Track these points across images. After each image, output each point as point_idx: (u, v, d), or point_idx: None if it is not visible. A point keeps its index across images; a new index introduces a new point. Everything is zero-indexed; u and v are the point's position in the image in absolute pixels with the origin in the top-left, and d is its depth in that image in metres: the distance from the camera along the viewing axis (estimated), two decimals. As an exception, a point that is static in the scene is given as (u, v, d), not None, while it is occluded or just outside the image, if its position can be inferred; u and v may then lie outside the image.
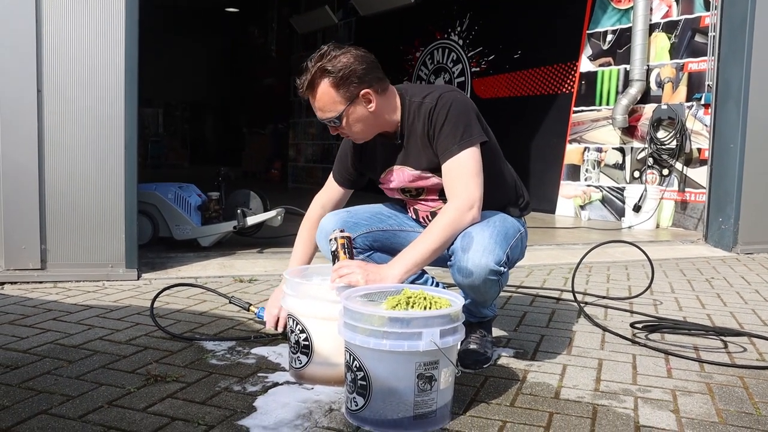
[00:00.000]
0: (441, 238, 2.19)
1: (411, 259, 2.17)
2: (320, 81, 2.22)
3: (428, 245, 2.18)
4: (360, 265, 2.16)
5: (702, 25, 6.68)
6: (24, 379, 2.14)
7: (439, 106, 2.28)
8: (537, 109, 8.43)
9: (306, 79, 2.23)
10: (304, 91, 2.25)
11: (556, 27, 8.29)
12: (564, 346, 2.70)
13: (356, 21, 11.90)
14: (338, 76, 2.20)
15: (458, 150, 2.24)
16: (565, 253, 5.07)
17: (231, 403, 1.99)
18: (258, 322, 2.87)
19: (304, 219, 2.65)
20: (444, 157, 2.27)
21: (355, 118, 2.27)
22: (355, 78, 2.23)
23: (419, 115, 2.32)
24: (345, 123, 2.27)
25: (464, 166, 2.24)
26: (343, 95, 2.23)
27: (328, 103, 2.24)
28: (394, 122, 2.36)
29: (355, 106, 2.25)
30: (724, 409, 2.05)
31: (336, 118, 2.25)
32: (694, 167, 6.75)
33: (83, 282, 3.64)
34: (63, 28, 3.57)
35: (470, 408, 2.01)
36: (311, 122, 13.43)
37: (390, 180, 2.47)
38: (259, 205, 5.15)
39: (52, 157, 3.60)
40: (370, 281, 2.10)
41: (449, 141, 2.25)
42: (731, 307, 3.47)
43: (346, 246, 2.27)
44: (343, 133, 2.34)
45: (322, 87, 2.22)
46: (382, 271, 2.14)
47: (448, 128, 2.26)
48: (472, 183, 2.24)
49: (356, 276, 2.10)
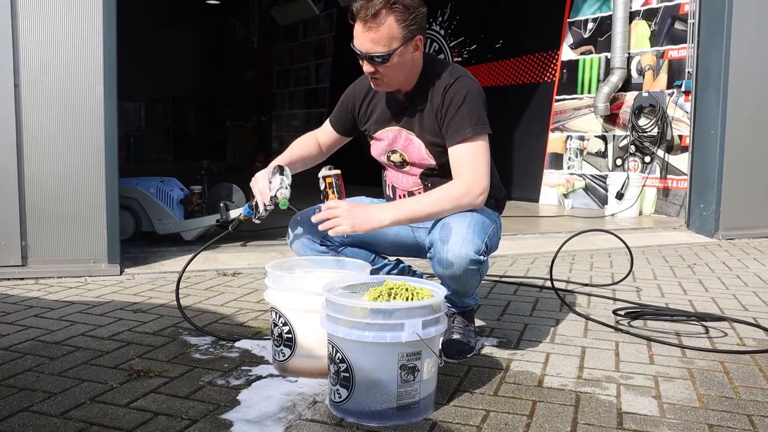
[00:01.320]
0: (441, 206, 2.20)
1: (404, 211, 2.19)
2: (388, 12, 2.15)
3: (427, 205, 2.20)
4: (348, 209, 2.15)
5: (681, 12, 6.71)
6: (5, 377, 2.13)
7: (457, 86, 2.28)
8: (519, 98, 8.44)
9: (372, 6, 2.13)
10: (367, 18, 2.14)
11: (538, 16, 8.29)
12: (547, 334, 2.71)
13: (337, 12, 11.84)
14: (407, 12, 2.17)
15: (472, 134, 2.24)
16: (549, 242, 5.09)
17: (214, 397, 1.99)
18: (245, 219, 2.69)
19: (294, 142, 2.61)
20: (455, 137, 2.26)
21: (399, 61, 2.22)
22: (418, 20, 2.20)
23: (435, 87, 2.31)
24: (390, 62, 2.20)
25: (477, 151, 2.25)
26: (402, 33, 2.18)
27: (384, 37, 2.16)
28: (412, 82, 2.35)
29: (406, 48, 2.21)
30: (705, 393, 2.07)
31: (386, 55, 2.18)
32: (675, 154, 6.79)
33: (65, 278, 3.61)
34: (39, 20, 3.52)
35: (454, 398, 2.01)
36: (294, 114, 13.40)
37: (383, 138, 2.46)
38: (242, 198, 5.12)
39: (31, 152, 3.56)
40: (357, 228, 2.12)
41: (464, 123, 2.25)
42: (712, 293, 3.50)
43: (334, 185, 2.23)
44: (377, 75, 2.25)
45: (388, 19, 2.15)
46: (370, 216, 2.15)
47: (465, 110, 2.25)
48: (482, 171, 2.25)
49: (343, 225, 2.12)
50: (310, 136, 2.63)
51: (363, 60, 2.23)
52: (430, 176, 2.42)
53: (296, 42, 13.24)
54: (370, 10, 2.13)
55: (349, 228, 2.12)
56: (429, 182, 2.42)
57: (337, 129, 2.59)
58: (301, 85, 13.17)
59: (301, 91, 13.18)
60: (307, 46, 12.87)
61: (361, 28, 2.18)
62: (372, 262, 2.59)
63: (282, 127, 13.81)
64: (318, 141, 2.61)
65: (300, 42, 13.11)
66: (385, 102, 2.43)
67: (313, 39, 12.70)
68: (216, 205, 4.80)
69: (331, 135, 2.61)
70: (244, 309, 3.06)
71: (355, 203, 2.24)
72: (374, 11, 2.13)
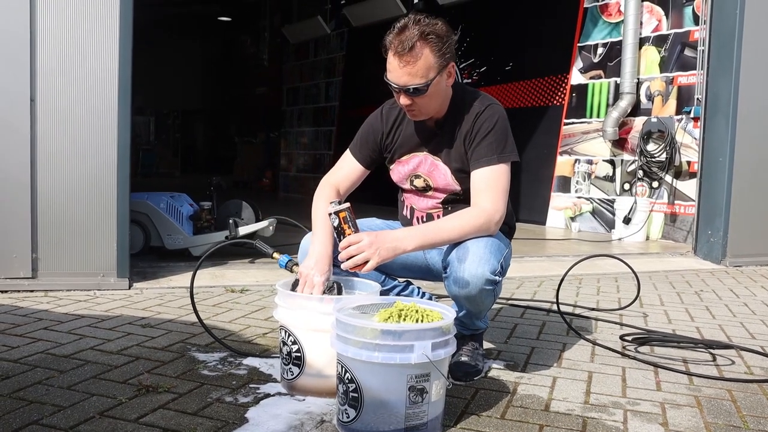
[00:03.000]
0: (462, 232, 2.21)
1: (428, 237, 2.18)
2: (423, 44, 2.15)
3: (448, 231, 2.20)
4: (371, 241, 2.08)
5: (691, 39, 6.75)
6: (15, 389, 2.14)
7: (487, 114, 2.31)
8: (528, 121, 8.48)
9: (408, 40, 2.13)
10: (404, 52, 2.13)
11: (548, 40, 8.35)
12: (554, 358, 2.71)
13: (348, 32, 11.94)
14: (441, 42, 2.17)
15: (497, 161, 2.27)
16: (555, 265, 5.10)
17: (223, 414, 2.00)
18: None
19: (315, 198, 2.46)
20: (479, 163, 2.28)
21: (435, 90, 2.23)
22: (450, 48, 2.22)
23: (465, 114, 2.34)
24: (427, 93, 2.20)
25: (498, 179, 2.28)
26: (438, 63, 2.18)
27: (422, 68, 2.16)
28: (444, 109, 2.36)
29: (441, 77, 2.23)
30: (712, 422, 2.07)
31: (423, 86, 2.18)
32: (683, 180, 6.80)
33: (74, 291, 3.63)
34: (57, 37, 3.57)
35: (461, 420, 2.02)
36: (303, 132, 13.45)
37: (407, 163, 2.46)
38: (251, 215, 5.15)
39: (44, 166, 3.60)
40: (385, 259, 2.09)
41: (490, 150, 2.28)
42: (720, 320, 3.50)
43: (348, 218, 2.16)
44: (413, 106, 2.24)
45: (424, 51, 2.15)
46: (395, 245, 2.11)
47: (492, 137, 2.28)
48: (501, 199, 2.28)
49: (372, 259, 2.07)
50: (328, 188, 2.47)
51: (399, 93, 2.23)
52: (452, 201, 2.44)
53: (307, 60, 13.33)
54: (406, 44, 2.13)
55: (378, 261, 2.08)
56: (450, 207, 2.44)
57: (363, 162, 2.50)
58: (310, 103, 13.24)
59: (310, 108, 13.24)
60: (318, 64, 12.96)
61: (397, 63, 2.16)
62: (382, 283, 2.59)
63: (290, 144, 13.87)
64: (337, 189, 2.48)
65: (311, 60, 13.20)
66: (414, 129, 2.43)
67: (323, 57, 12.79)
68: (225, 222, 4.83)
69: (354, 172, 2.51)
70: (252, 326, 3.07)
71: (375, 233, 2.14)
72: (410, 45, 2.13)
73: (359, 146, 2.52)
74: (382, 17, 10.46)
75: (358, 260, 2.08)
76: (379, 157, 2.53)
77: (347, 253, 2.08)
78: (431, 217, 2.48)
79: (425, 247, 2.21)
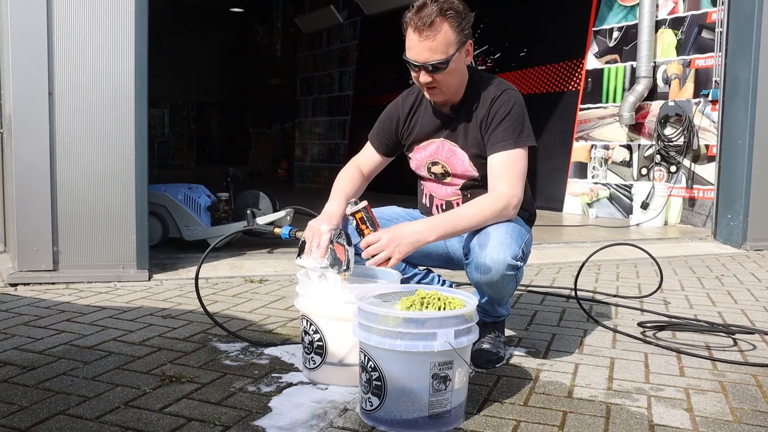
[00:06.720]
0: (481, 218, 2.20)
1: (448, 227, 2.18)
2: (442, 20, 2.15)
3: (468, 219, 2.20)
4: (391, 238, 2.11)
5: (709, 20, 6.67)
6: (41, 380, 2.16)
7: (503, 98, 2.30)
8: (543, 107, 8.43)
9: (427, 16, 2.13)
10: (423, 27, 2.14)
11: (562, 24, 8.28)
12: (575, 344, 2.70)
13: (361, 20, 11.90)
14: (460, 17, 2.18)
15: (513, 146, 2.27)
16: (574, 252, 5.07)
17: (246, 404, 2.01)
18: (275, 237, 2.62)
19: (339, 174, 2.52)
20: (496, 147, 2.28)
21: (455, 67, 2.23)
22: (469, 24, 2.22)
23: (481, 99, 2.33)
24: (448, 69, 2.20)
25: (515, 163, 2.27)
26: (457, 39, 2.19)
27: (442, 44, 2.16)
28: (460, 93, 2.36)
29: (460, 54, 2.23)
30: (738, 407, 2.06)
31: (445, 62, 2.18)
32: (702, 164, 6.74)
33: (95, 283, 3.66)
34: (74, 30, 3.59)
35: (484, 407, 2.02)
36: (317, 122, 13.45)
37: (424, 150, 2.46)
38: (269, 206, 5.16)
39: (63, 159, 3.62)
40: (407, 253, 2.12)
41: (506, 134, 2.27)
42: (742, 305, 3.47)
43: (365, 218, 2.19)
44: (433, 84, 2.24)
45: (443, 27, 2.16)
46: (415, 238, 2.13)
47: (508, 122, 2.28)
48: (518, 183, 2.27)
49: (393, 256, 2.10)
50: (353, 166, 2.54)
51: (419, 71, 2.22)
52: (470, 187, 2.43)
53: (320, 50, 13.31)
54: (426, 20, 2.13)
55: (399, 257, 2.10)
56: (469, 193, 2.43)
57: (380, 150, 2.54)
58: (324, 93, 13.23)
59: (324, 98, 13.24)
60: (331, 53, 12.94)
61: (417, 39, 2.17)
62: (402, 272, 2.60)
63: (305, 134, 13.87)
64: (361, 170, 2.53)
65: (324, 50, 13.18)
66: (430, 115, 2.43)
67: (336, 47, 12.76)
68: (243, 212, 4.84)
69: (374, 159, 2.55)
70: (273, 316, 3.08)
71: (393, 228, 2.17)
72: (430, 21, 2.13)
73: (377, 134, 2.55)
74: (395, 5, 10.40)
75: (379, 259, 2.11)
76: (396, 145, 2.54)
77: (368, 253, 2.12)
78: (451, 205, 2.47)
79: (446, 236, 2.21)
